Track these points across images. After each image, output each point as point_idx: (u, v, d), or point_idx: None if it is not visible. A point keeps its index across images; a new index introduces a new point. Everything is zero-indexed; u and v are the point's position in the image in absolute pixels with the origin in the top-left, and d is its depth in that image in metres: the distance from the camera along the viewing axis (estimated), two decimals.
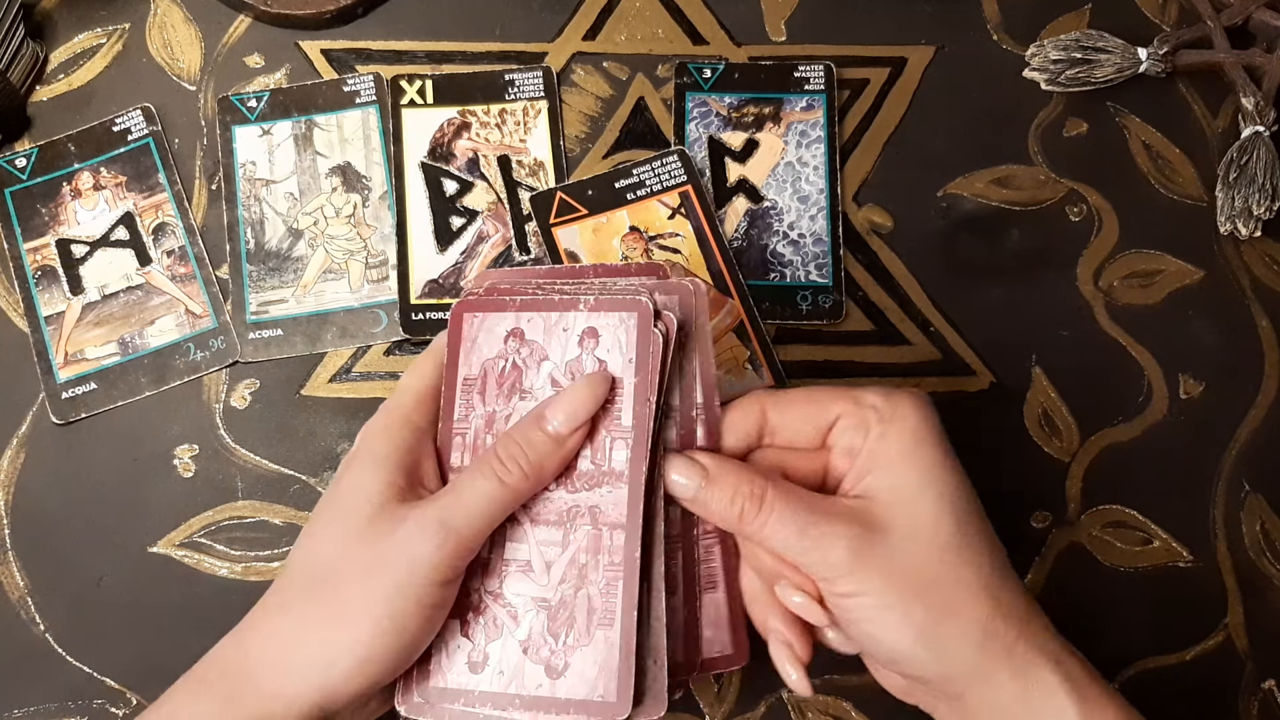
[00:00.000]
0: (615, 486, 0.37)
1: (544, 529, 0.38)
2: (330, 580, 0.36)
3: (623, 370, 0.38)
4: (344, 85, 0.55)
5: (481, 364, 0.40)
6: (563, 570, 0.38)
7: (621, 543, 0.37)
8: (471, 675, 0.38)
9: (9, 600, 0.47)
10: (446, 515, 0.36)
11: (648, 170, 0.53)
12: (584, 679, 0.36)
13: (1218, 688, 0.47)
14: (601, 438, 0.38)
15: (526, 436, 0.37)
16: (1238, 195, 0.53)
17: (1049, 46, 0.56)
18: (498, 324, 0.40)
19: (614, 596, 0.37)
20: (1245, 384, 0.52)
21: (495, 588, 0.38)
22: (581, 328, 0.39)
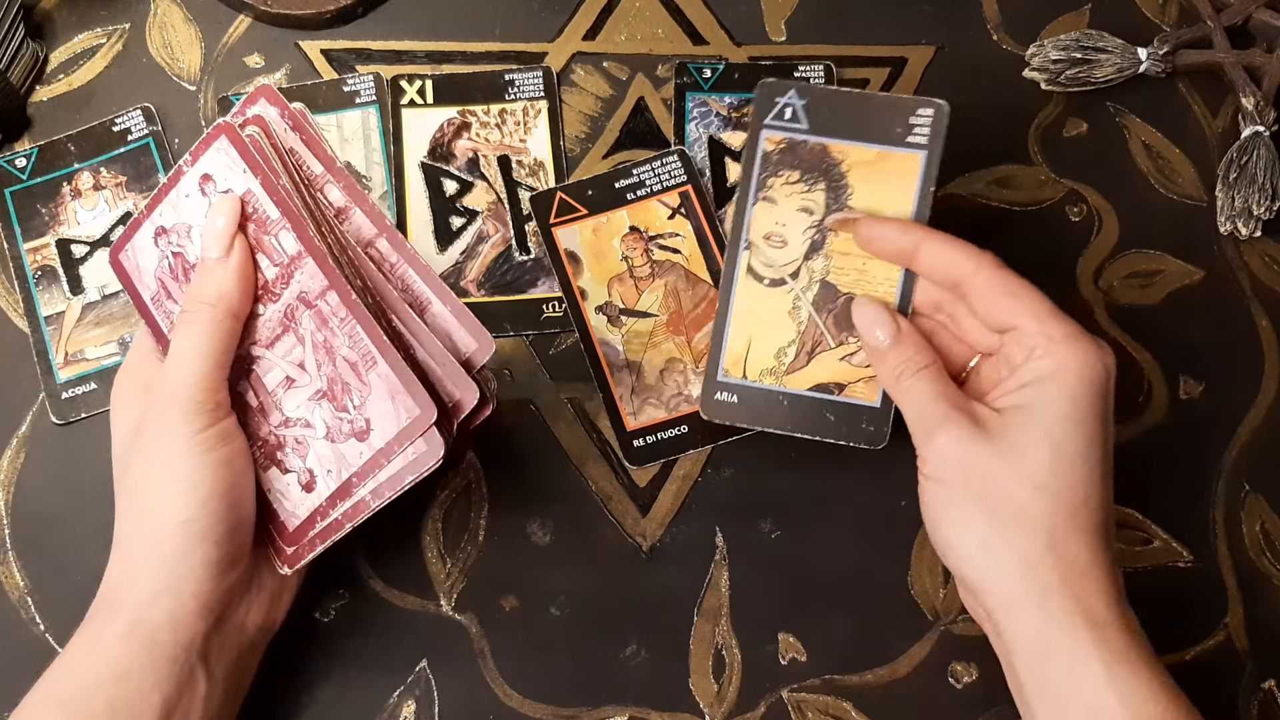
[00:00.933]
0: (302, 266, 0.39)
1: (280, 344, 0.40)
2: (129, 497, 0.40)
3: (246, 182, 0.40)
4: (344, 85, 0.55)
5: (153, 277, 0.43)
6: (314, 357, 0.40)
7: (337, 300, 0.39)
8: (310, 494, 0.40)
9: (9, 600, 0.47)
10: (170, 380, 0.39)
11: (648, 170, 0.53)
12: (388, 416, 0.38)
13: (1218, 688, 0.47)
14: (268, 243, 0.40)
15: (197, 279, 0.40)
16: (1238, 195, 0.53)
17: (1049, 46, 0.56)
18: (143, 239, 0.43)
19: (361, 340, 0.38)
20: (1245, 384, 0.52)
21: (278, 419, 0.41)
22: (195, 183, 0.41)
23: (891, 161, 0.45)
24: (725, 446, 0.50)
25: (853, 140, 0.45)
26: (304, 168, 0.41)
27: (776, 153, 0.46)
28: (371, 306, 0.39)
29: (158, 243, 0.43)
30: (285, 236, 0.40)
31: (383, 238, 0.41)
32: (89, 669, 0.37)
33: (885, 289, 0.45)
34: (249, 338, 0.41)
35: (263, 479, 0.41)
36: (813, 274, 0.46)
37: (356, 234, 0.41)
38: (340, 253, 0.40)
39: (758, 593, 0.48)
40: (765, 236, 0.46)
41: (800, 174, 0.46)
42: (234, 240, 0.40)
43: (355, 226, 0.41)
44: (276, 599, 0.42)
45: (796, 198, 0.46)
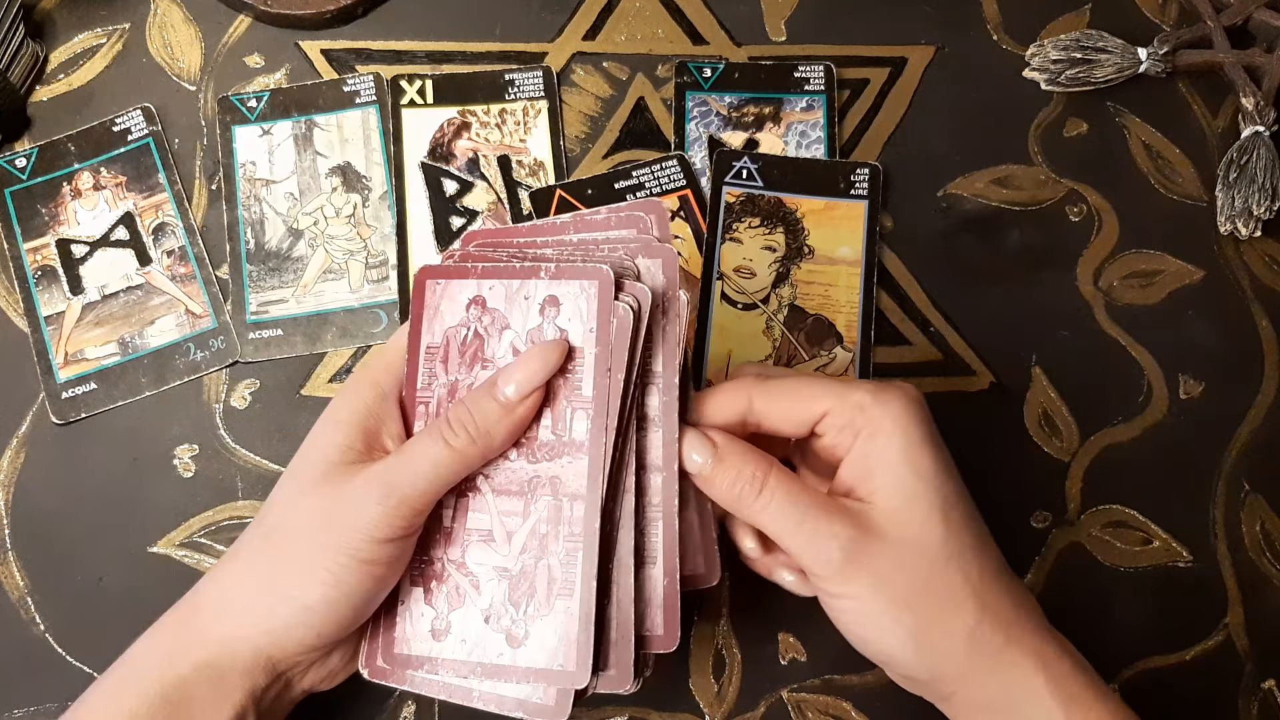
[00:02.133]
0: (576, 457, 0.37)
1: (505, 499, 0.38)
2: (278, 532, 0.38)
3: (583, 339, 0.37)
4: (344, 85, 0.55)
5: (444, 332, 0.40)
6: (524, 540, 0.38)
7: (581, 513, 0.37)
8: (434, 643, 0.38)
9: (9, 600, 0.47)
10: (391, 475, 0.36)
11: (647, 173, 0.53)
12: (544, 648, 0.37)
13: (1218, 688, 0.47)
14: (562, 408, 0.38)
15: (477, 403, 0.37)
16: (1238, 195, 0.53)
17: (1049, 46, 0.56)
18: (460, 292, 0.39)
19: (574, 567, 0.37)
20: (1245, 384, 0.52)
21: (458, 556, 0.39)
22: (543, 296, 0.38)
23: (840, 209, 0.53)
24: None
25: (803, 194, 0.53)
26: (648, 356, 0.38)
27: (737, 204, 0.52)
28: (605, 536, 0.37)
29: (469, 309, 0.39)
30: (579, 419, 0.37)
31: (661, 475, 0.38)
32: (156, 684, 0.36)
33: (848, 312, 0.51)
34: (484, 468, 0.38)
35: (402, 589, 0.39)
36: (781, 300, 0.51)
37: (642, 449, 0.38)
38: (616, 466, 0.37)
39: (758, 593, 0.47)
40: (735, 269, 0.52)
41: (760, 219, 0.52)
42: (536, 393, 0.37)
43: (650, 443, 0.38)
44: (335, 675, 0.41)
45: (760, 238, 0.52)
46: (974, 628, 0.36)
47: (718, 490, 0.38)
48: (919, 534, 0.36)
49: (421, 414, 0.39)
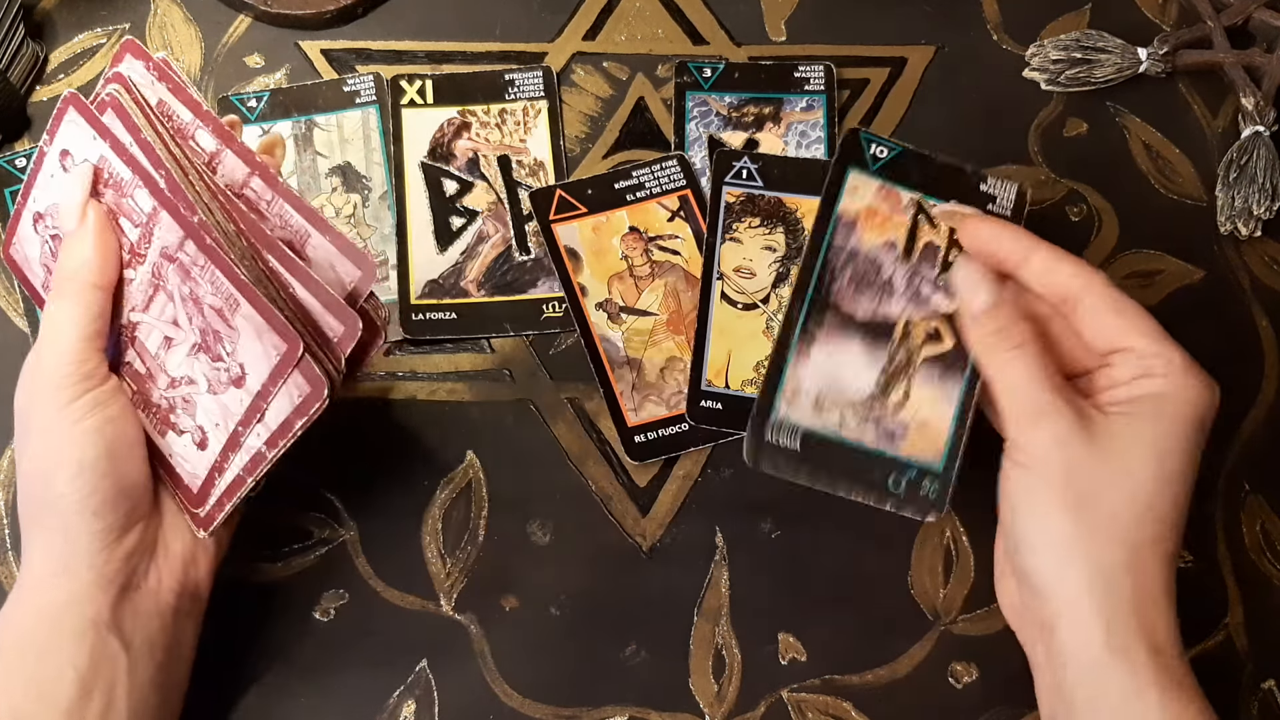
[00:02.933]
0: (160, 220, 0.39)
1: (154, 305, 0.40)
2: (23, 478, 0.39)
3: (99, 149, 0.39)
4: (344, 85, 0.55)
5: (40, 265, 0.43)
6: (184, 311, 0.39)
7: (195, 248, 0.38)
8: (204, 453, 0.40)
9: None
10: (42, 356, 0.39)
11: (647, 173, 0.53)
12: (259, 357, 0.38)
13: (1218, 688, 0.47)
14: (126, 205, 0.39)
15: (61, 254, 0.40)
16: (1238, 195, 0.53)
17: (1049, 46, 0.56)
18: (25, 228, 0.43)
19: (222, 284, 0.38)
20: (1245, 384, 0.52)
21: (165, 381, 0.40)
22: (56, 161, 0.41)
23: None
24: (725, 446, 0.50)
25: (803, 194, 0.52)
26: (173, 118, 0.40)
27: (737, 204, 0.52)
28: (241, 249, 0.38)
29: (37, 229, 0.43)
30: (141, 195, 0.39)
31: (255, 175, 0.40)
32: (8, 655, 0.37)
33: None
34: (126, 304, 0.40)
35: (161, 444, 0.41)
36: (782, 300, 0.50)
37: (230, 177, 0.40)
38: (209, 199, 0.39)
39: (758, 593, 0.48)
40: (735, 269, 0.51)
41: (760, 220, 0.52)
42: (87, 208, 0.39)
43: (229, 169, 0.40)
44: (191, 562, 0.41)
45: (760, 238, 0.51)
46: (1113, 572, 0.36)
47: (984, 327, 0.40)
48: (1138, 474, 0.37)
49: None
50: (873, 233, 0.44)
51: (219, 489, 0.40)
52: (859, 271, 0.44)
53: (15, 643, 0.37)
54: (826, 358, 0.43)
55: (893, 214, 0.44)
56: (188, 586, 0.41)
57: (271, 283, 0.38)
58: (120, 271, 0.40)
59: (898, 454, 0.42)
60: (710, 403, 0.49)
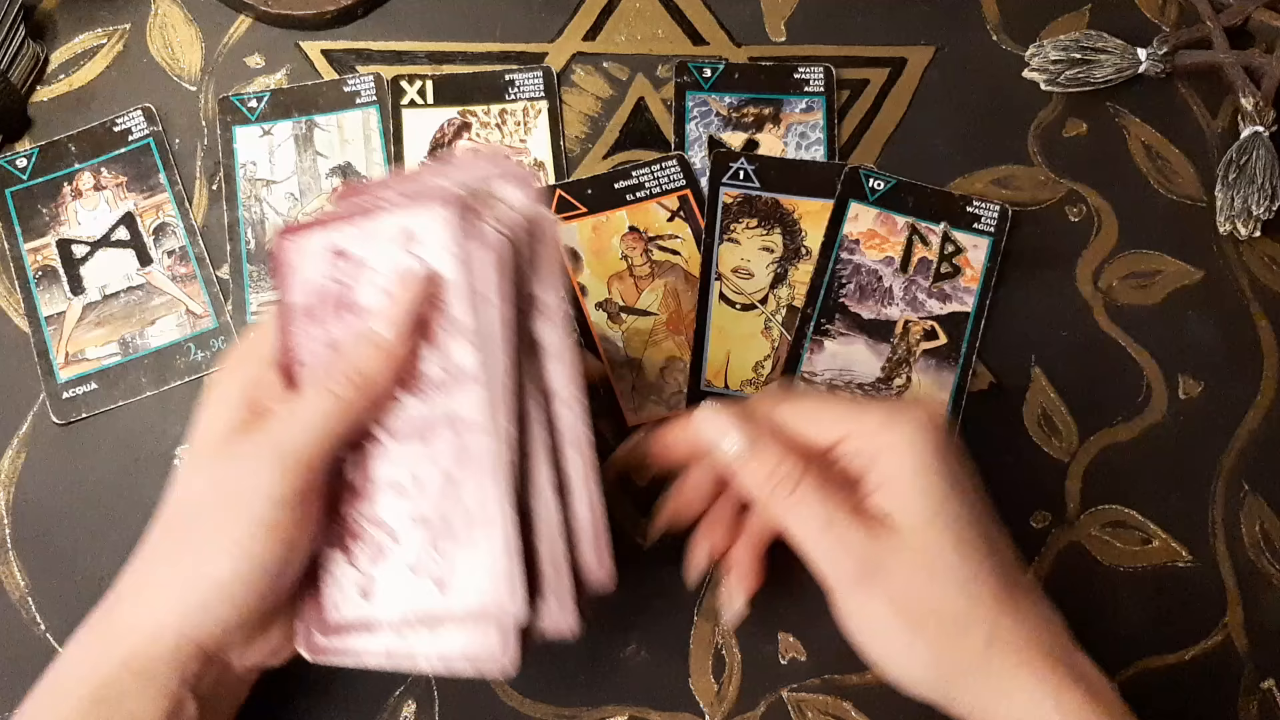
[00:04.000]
0: (468, 389, 0.36)
1: (407, 445, 0.37)
2: (180, 513, 0.38)
3: (451, 269, 0.36)
4: (344, 85, 0.55)
5: (311, 290, 0.38)
6: (433, 482, 0.36)
7: (486, 445, 0.35)
8: (365, 603, 0.37)
9: (9, 600, 0.47)
10: (281, 436, 0.36)
11: (646, 173, 0.53)
12: (475, 586, 0.35)
13: (1217, 688, 0.47)
14: (443, 340, 0.36)
15: (354, 348, 0.37)
16: (1237, 195, 0.53)
17: (1049, 47, 0.56)
18: (316, 245, 0.38)
19: (487, 498, 0.35)
20: (1245, 384, 0.52)
21: (371, 511, 0.37)
22: (397, 231, 0.36)
23: None
24: None
25: (800, 195, 0.53)
26: (527, 285, 0.36)
27: (735, 205, 0.53)
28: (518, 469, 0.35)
29: (330, 262, 0.38)
30: (462, 349, 0.35)
31: (566, 407, 0.36)
32: (85, 686, 0.36)
33: None
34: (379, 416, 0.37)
35: (324, 553, 0.38)
36: (780, 300, 0.51)
37: (541, 382, 0.36)
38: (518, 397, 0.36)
39: (758, 593, 0.47)
40: (733, 270, 0.52)
41: (758, 220, 0.52)
42: (411, 329, 0.36)
43: (546, 374, 0.36)
44: (278, 651, 0.39)
45: (758, 239, 0.52)
46: (983, 652, 0.36)
47: (753, 478, 0.38)
48: (932, 557, 0.36)
49: (305, 376, 0.38)
50: (874, 250, 0.52)
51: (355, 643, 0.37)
52: (862, 282, 0.51)
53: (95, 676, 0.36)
54: (838, 350, 0.50)
55: (890, 235, 0.52)
56: (265, 665, 0.40)
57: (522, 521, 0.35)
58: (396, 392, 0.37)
59: None
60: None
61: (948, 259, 0.52)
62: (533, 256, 0.36)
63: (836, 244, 0.52)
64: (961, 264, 0.52)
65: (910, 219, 0.52)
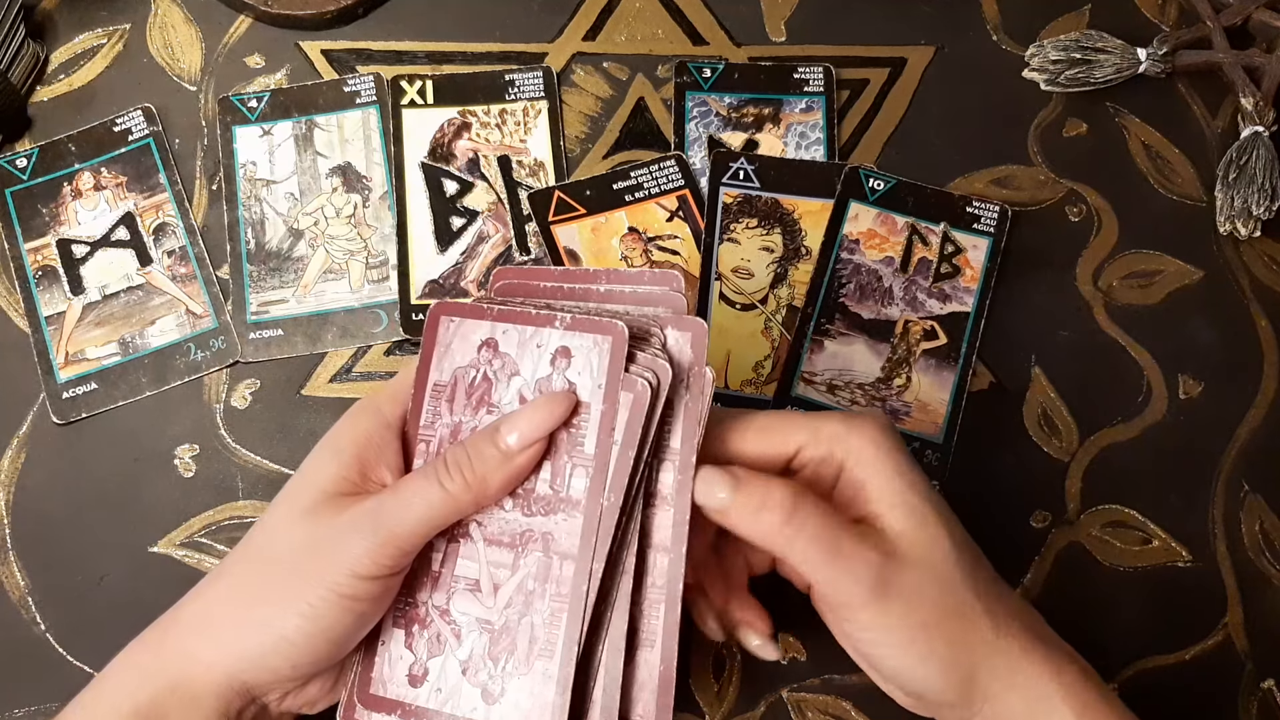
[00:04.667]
0: (571, 515, 0.36)
1: (496, 549, 0.37)
2: (263, 557, 0.37)
3: (591, 395, 0.36)
4: (344, 85, 0.55)
5: (453, 371, 0.39)
6: (510, 594, 0.37)
7: (570, 574, 0.36)
8: (410, 688, 0.38)
9: (9, 600, 0.47)
10: (381, 512, 0.36)
11: (645, 173, 0.53)
12: (519, 708, 0.36)
13: (1217, 687, 0.47)
14: (563, 463, 0.37)
15: (477, 447, 0.36)
16: (1237, 195, 0.53)
17: (1049, 47, 0.56)
18: (473, 332, 0.39)
19: (557, 629, 0.36)
20: (1245, 384, 0.52)
21: (442, 603, 0.38)
22: (555, 346, 0.37)
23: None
24: None
25: (800, 195, 0.53)
26: (665, 431, 0.37)
27: (735, 205, 0.53)
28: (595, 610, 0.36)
29: (480, 350, 0.38)
30: (579, 476, 0.36)
31: (667, 557, 0.36)
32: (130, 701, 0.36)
33: None
34: (477, 515, 0.38)
35: (384, 629, 0.38)
36: (779, 300, 0.51)
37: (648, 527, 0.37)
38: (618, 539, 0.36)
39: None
40: (733, 270, 0.52)
41: (758, 220, 0.52)
42: (538, 444, 0.36)
43: (658, 522, 0.37)
44: (314, 703, 0.40)
45: (758, 239, 0.52)
46: (992, 642, 0.36)
47: (743, 522, 0.36)
48: (933, 555, 0.36)
49: (422, 452, 0.39)
50: (874, 250, 0.52)
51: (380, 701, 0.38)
52: (862, 281, 0.51)
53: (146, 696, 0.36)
54: (838, 350, 0.50)
55: (890, 235, 0.52)
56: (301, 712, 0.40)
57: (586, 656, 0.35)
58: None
59: (903, 429, 0.49)
60: None
61: (948, 259, 0.52)
62: (677, 404, 0.37)
63: (836, 244, 0.52)
64: (961, 264, 0.52)
65: (910, 219, 0.52)
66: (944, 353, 0.51)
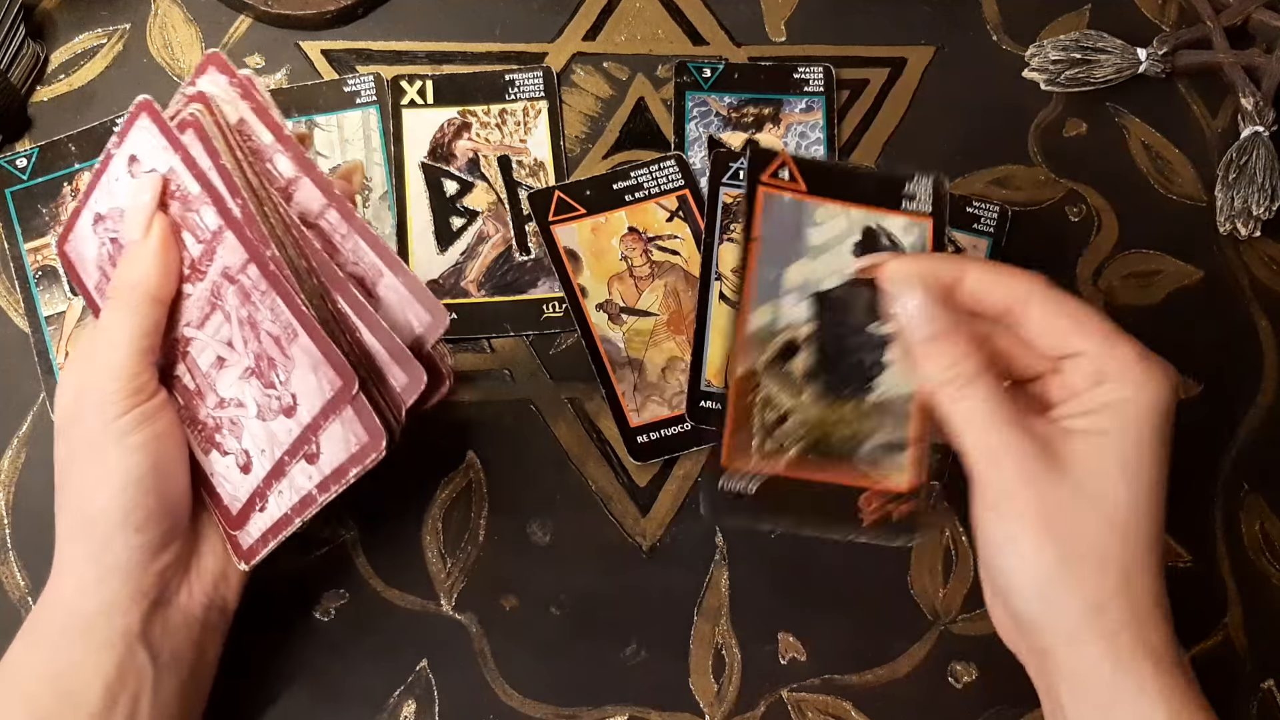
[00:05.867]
0: (224, 241, 0.38)
1: (209, 323, 0.39)
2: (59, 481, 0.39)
3: (169, 159, 0.39)
4: (344, 86, 0.55)
5: (95, 266, 0.42)
6: (240, 334, 0.39)
7: (257, 273, 0.37)
8: (248, 476, 0.40)
9: (9, 600, 0.47)
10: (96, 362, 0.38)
11: (645, 174, 0.53)
12: (312, 391, 0.37)
13: (1217, 688, 0.47)
14: (192, 219, 0.39)
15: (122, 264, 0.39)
16: (1237, 195, 0.53)
17: (1049, 47, 0.56)
18: (83, 227, 0.42)
19: (282, 312, 0.37)
20: (1245, 384, 0.52)
21: (214, 400, 0.40)
22: (124, 165, 0.40)
23: None
24: None
25: None
26: (251, 139, 0.39)
27: (735, 205, 0.52)
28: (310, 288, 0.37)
29: (96, 230, 0.42)
30: (207, 212, 0.38)
31: (332, 208, 0.39)
32: (37, 661, 0.37)
33: None
34: (181, 319, 0.40)
35: (204, 462, 0.40)
36: None
37: (305, 206, 0.39)
38: (282, 232, 0.38)
39: (758, 593, 0.48)
40: (733, 270, 0.50)
41: None
42: (153, 220, 0.39)
43: (305, 198, 0.39)
44: (222, 578, 0.41)
45: None
46: (1107, 600, 0.35)
47: (933, 363, 0.36)
48: (1111, 495, 0.35)
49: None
50: None
51: (262, 522, 0.40)
52: None
53: (44, 650, 0.37)
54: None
55: None
56: (216, 601, 0.41)
57: (337, 324, 0.37)
58: (179, 286, 0.40)
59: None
60: (709, 403, 0.49)
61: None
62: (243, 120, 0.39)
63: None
64: None
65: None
66: None
